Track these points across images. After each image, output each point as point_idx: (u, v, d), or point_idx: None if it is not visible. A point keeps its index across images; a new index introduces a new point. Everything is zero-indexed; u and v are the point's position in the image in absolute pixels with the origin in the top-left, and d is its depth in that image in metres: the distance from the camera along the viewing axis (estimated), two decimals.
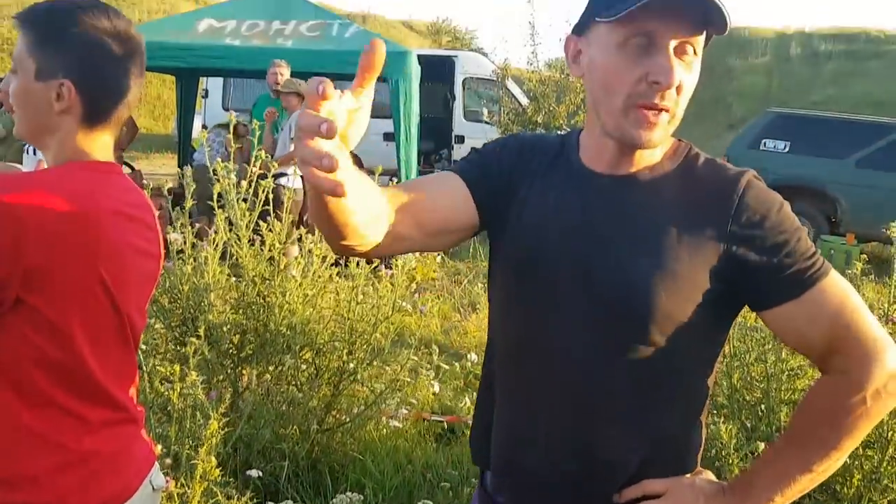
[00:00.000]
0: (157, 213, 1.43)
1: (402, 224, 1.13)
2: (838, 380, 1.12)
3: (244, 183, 3.08)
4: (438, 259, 7.41)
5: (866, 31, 27.56)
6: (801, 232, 1.13)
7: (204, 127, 9.82)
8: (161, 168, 12.04)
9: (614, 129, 1.14)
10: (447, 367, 4.43)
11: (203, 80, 11.82)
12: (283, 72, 6.42)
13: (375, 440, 3.34)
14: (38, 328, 1.20)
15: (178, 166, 9.80)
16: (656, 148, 1.17)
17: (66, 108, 1.25)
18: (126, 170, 8.70)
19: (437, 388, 4.12)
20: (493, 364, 1.31)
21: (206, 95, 12.13)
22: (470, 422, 1.41)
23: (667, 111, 1.12)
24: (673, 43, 1.08)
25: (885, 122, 10.10)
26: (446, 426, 3.77)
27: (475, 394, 4.34)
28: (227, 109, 11.52)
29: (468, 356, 4.77)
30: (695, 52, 1.11)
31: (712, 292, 1.13)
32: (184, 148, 9.85)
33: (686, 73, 1.11)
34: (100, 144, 1.31)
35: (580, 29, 1.18)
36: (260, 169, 3.19)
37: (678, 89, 1.11)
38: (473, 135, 11.67)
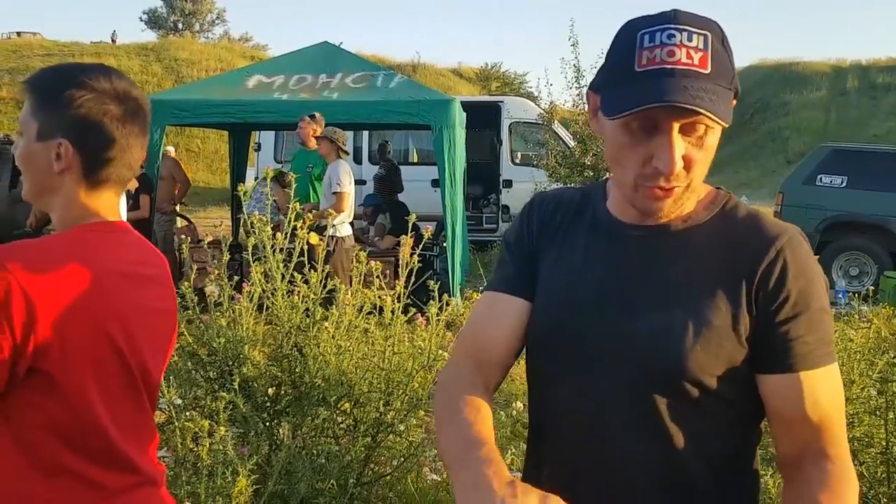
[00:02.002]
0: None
1: (494, 374, 1.23)
2: (812, 470, 1.06)
3: (279, 235, 3.10)
4: None
5: None
6: (826, 305, 1.10)
7: (255, 179, 10.06)
8: (220, 223, 12.31)
9: (628, 200, 1.13)
10: None
11: (255, 134, 12.15)
12: (312, 127, 6.56)
13: (415, 493, 3.27)
14: (51, 395, 1.20)
15: (232, 219, 10.02)
16: (673, 214, 1.14)
17: (65, 168, 1.26)
18: (182, 222, 8.97)
19: None
20: (534, 434, 1.28)
21: (258, 149, 12.45)
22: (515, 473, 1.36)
23: (679, 186, 1.09)
24: (677, 125, 1.05)
25: None
26: None
27: (522, 444, 4.26)
28: (279, 162, 11.81)
29: (514, 404, 4.68)
30: (707, 126, 1.07)
31: (745, 347, 1.09)
32: (237, 201, 10.09)
33: (697, 148, 1.07)
34: (105, 203, 1.32)
35: (595, 88, 1.16)
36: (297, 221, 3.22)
37: (687, 166, 1.07)
38: (521, 178, 11.68)
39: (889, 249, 9.27)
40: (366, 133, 12.13)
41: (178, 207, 8.85)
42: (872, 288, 4.81)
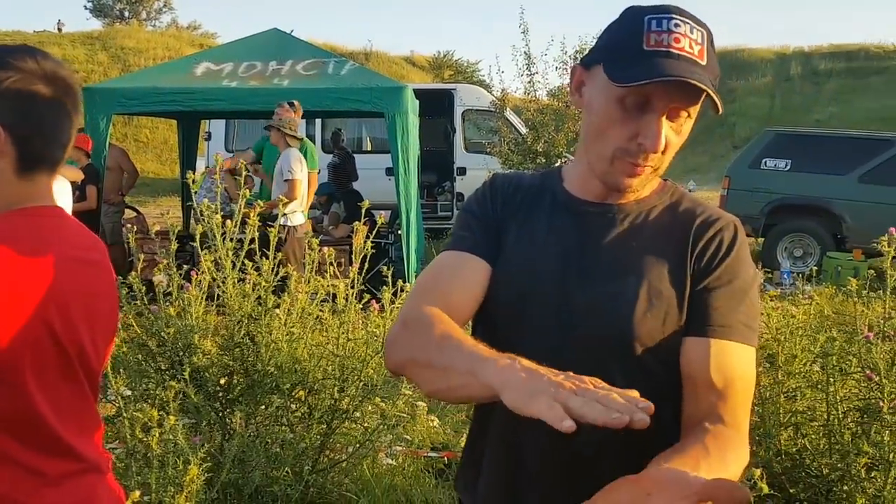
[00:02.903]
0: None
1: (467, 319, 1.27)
2: (700, 434, 1.09)
3: (229, 223, 3.07)
4: None
5: (865, 48, 27.64)
6: (752, 287, 1.19)
7: (207, 168, 9.90)
8: (167, 211, 12.11)
9: (600, 174, 1.20)
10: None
11: (206, 123, 11.95)
12: (283, 113, 6.46)
13: (371, 479, 3.28)
14: None
15: (182, 209, 9.86)
16: (634, 194, 1.23)
17: (0, 154, 1.23)
18: (131, 213, 8.79)
19: (436, 423, 4.07)
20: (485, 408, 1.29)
21: (208, 138, 12.25)
22: None
23: (651, 167, 1.17)
24: (668, 107, 1.13)
25: (886, 136, 10.06)
26: (447, 461, 3.71)
27: None
28: (230, 151, 11.63)
29: None
30: (688, 115, 1.16)
31: (685, 313, 1.18)
32: (187, 190, 9.92)
33: (675, 134, 1.16)
34: (40, 188, 1.29)
35: (587, 63, 1.21)
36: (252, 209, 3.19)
37: (665, 149, 1.15)
38: (475, 166, 11.70)
39: (831, 231, 9.52)
40: (318, 121, 12.02)
41: (126, 198, 8.67)
42: (816, 268, 4.95)
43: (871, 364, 2.46)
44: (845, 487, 2.43)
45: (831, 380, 2.55)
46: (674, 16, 1.12)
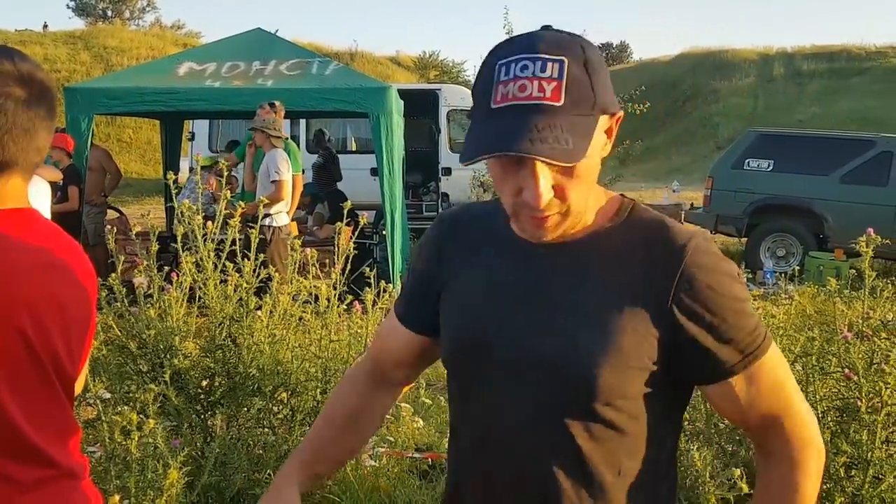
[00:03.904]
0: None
1: (389, 375, 1.37)
2: (785, 467, 1.15)
3: (210, 224, 3.05)
4: None
5: (847, 49, 27.89)
6: (744, 304, 1.11)
7: (191, 170, 9.84)
8: (148, 212, 12.03)
9: (515, 227, 1.12)
10: (430, 401, 4.38)
11: (189, 123, 11.87)
12: (263, 114, 6.44)
13: (354, 481, 3.27)
14: None
15: (166, 210, 9.80)
16: (558, 235, 1.11)
17: None
18: (113, 214, 8.73)
19: (420, 425, 4.06)
20: (453, 451, 1.27)
21: (192, 138, 12.17)
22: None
23: (557, 214, 1.07)
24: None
25: (867, 137, 10.15)
26: (431, 462, 3.70)
27: None
28: (214, 151, 11.57)
29: None
30: None
31: (659, 364, 1.09)
32: (170, 191, 9.86)
33: (567, 177, 1.04)
34: (12, 190, 1.27)
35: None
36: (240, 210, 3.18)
37: (560, 195, 1.05)
38: (460, 166, 11.65)
39: (814, 231, 9.59)
40: (303, 122, 11.98)
41: (109, 199, 8.60)
42: (798, 268, 4.99)
43: (850, 364, 2.48)
44: (824, 486, 2.45)
45: (811, 379, 2.57)
46: (523, 56, 1.00)
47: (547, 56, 1.00)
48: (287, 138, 6.84)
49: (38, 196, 2.78)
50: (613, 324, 1.07)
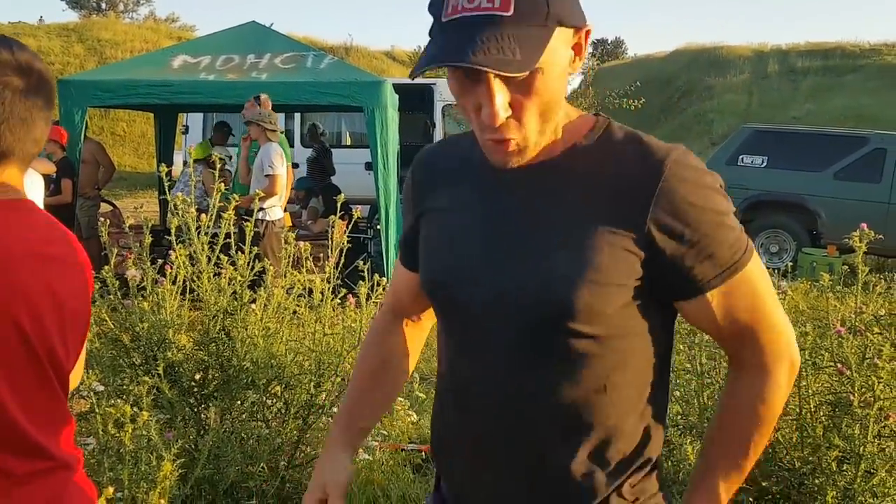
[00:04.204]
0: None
1: (414, 309, 1.39)
2: (754, 375, 1.15)
3: (204, 217, 3.04)
4: None
5: (842, 46, 27.94)
6: (724, 216, 1.08)
7: (185, 164, 9.81)
8: (141, 205, 12.00)
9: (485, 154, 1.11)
10: (424, 395, 4.39)
11: (183, 116, 11.83)
12: (249, 107, 6.43)
13: None
14: None
15: (159, 203, 9.76)
16: (523, 162, 1.09)
17: None
18: (107, 207, 8.69)
19: (414, 418, 4.06)
20: (437, 391, 1.29)
21: (186, 132, 12.14)
22: None
23: (512, 139, 1.05)
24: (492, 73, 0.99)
25: (861, 133, 10.19)
26: (425, 455, 3.71)
27: None
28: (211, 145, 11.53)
29: None
30: (535, 70, 1.00)
31: (640, 281, 1.07)
32: (164, 185, 9.81)
33: (524, 95, 1.02)
34: (10, 182, 1.26)
35: None
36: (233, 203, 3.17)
37: (517, 116, 1.03)
38: None
39: (807, 227, 9.63)
40: (297, 115, 11.95)
41: (102, 192, 8.57)
42: (791, 264, 5.01)
43: (843, 358, 2.49)
44: (816, 480, 2.46)
45: (804, 374, 2.57)
46: None
47: None
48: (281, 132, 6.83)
49: (32, 188, 2.77)
50: (589, 242, 1.05)
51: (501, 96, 1.00)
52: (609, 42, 45.33)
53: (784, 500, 2.53)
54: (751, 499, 2.52)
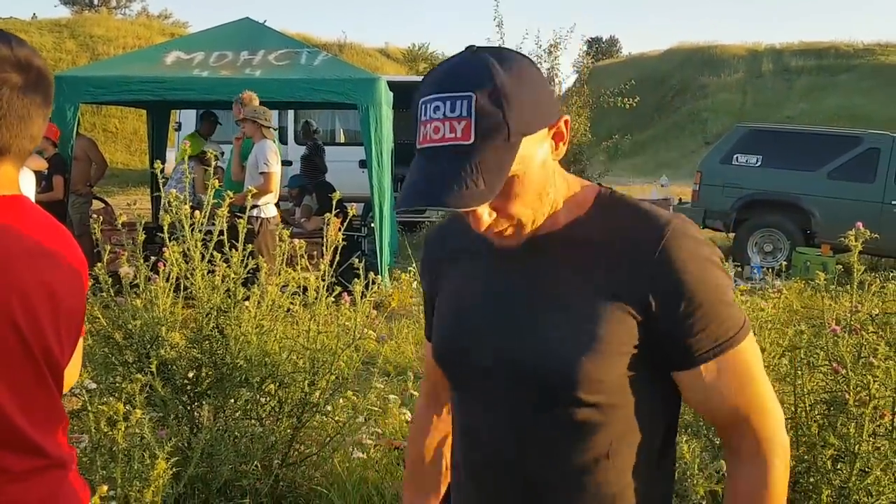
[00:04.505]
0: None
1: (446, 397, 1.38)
2: (752, 465, 1.14)
3: (198, 213, 3.02)
4: (414, 285, 7.38)
5: (835, 46, 28.03)
6: (721, 292, 1.10)
7: (177, 160, 9.77)
8: (134, 202, 11.94)
9: None
10: (418, 393, 4.37)
11: (176, 113, 11.79)
12: (244, 104, 6.40)
13: (342, 473, 3.26)
14: None
15: (151, 200, 9.73)
16: (521, 239, 1.14)
17: None
18: (99, 204, 8.65)
19: (408, 416, 4.05)
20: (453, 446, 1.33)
21: (178, 128, 12.08)
22: None
23: (506, 225, 1.11)
24: None
25: (855, 133, 10.21)
26: None
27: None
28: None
29: None
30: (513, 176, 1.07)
31: (639, 349, 1.10)
32: (156, 181, 9.77)
33: (504, 199, 1.07)
34: (3, 178, 1.25)
35: None
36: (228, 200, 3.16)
37: (502, 215, 1.09)
38: None
39: (801, 226, 9.64)
40: (291, 112, 11.91)
41: (94, 189, 8.53)
42: (785, 263, 5.02)
43: (838, 357, 2.49)
44: (812, 479, 2.46)
45: (799, 373, 2.57)
46: (434, 96, 1.03)
47: (455, 94, 1.02)
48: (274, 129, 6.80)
49: (23, 185, 2.74)
50: (588, 311, 1.09)
51: (481, 210, 1.07)
52: (604, 40, 45.40)
53: None
54: None
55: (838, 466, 2.44)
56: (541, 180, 1.09)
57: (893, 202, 9.12)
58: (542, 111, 1.07)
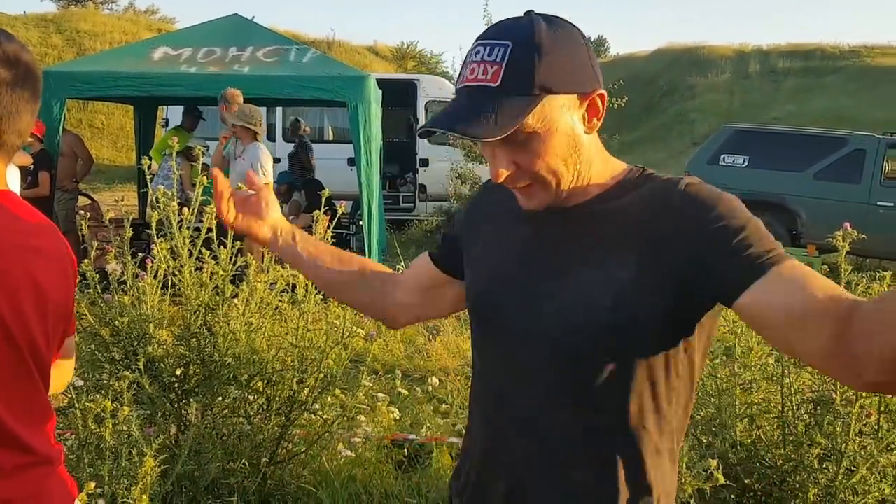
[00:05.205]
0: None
1: (403, 293, 1.47)
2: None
3: (186, 210, 3.00)
4: None
5: (822, 48, 28.20)
6: (753, 222, 1.09)
7: (164, 156, 9.71)
8: (122, 198, 11.87)
9: None
10: (406, 391, 4.37)
11: (163, 109, 11.72)
12: (230, 106, 6.37)
13: (330, 471, 3.25)
14: None
15: (138, 196, 9.66)
16: (560, 198, 1.19)
17: None
18: (85, 201, 8.59)
19: (397, 414, 4.05)
20: (470, 401, 1.35)
21: (166, 125, 12.02)
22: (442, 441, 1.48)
23: (530, 185, 1.16)
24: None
25: (841, 134, 10.28)
26: (407, 452, 3.70)
27: (439, 419, 4.27)
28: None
29: (430, 380, 4.71)
30: (526, 131, 1.11)
31: (666, 301, 1.09)
32: (143, 177, 9.71)
33: (524, 153, 1.13)
34: None
35: None
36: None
37: (523, 170, 1.14)
38: (438, 157, 11.68)
39: (787, 226, 9.70)
40: (279, 109, 11.87)
41: (80, 185, 8.47)
42: None
43: None
44: (798, 478, 2.47)
45: (786, 372, 2.59)
46: (479, 42, 1.12)
47: (495, 41, 1.11)
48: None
49: (8, 181, 2.71)
50: (614, 263, 1.13)
51: (500, 157, 1.14)
52: (592, 41, 45.52)
53: (766, 498, 2.54)
54: (733, 496, 2.53)
55: (825, 465, 2.46)
56: (565, 146, 1.14)
57: (879, 203, 9.18)
58: (574, 76, 1.12)
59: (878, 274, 2.79)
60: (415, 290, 1.47)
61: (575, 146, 1.15)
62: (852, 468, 2.40)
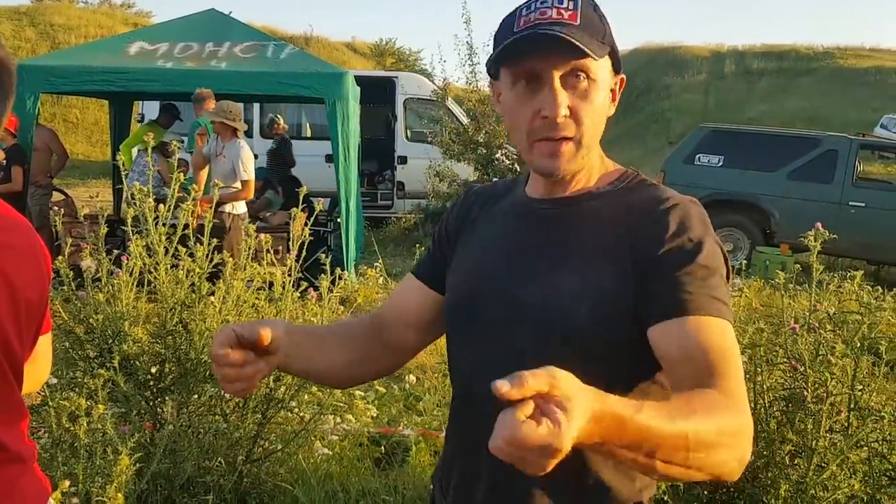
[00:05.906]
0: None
1: (394, 334, 1.37)
2: (714, 393, 0.98)
3: (161, 207, 2.98)
4: (381, 280, 7.36)
5: (796, 49, 28.53)
6: (707, 271, 1.07)
7: (140, 151, 9.61)
8: (97, 194, 11.73)
9: (531, 165, 1.20)
10: (383, 389, 4.37)
11: (139, 104, 11.60)
12: (206, 105, 6.36)
13: (306, 468, 3.24)
14: None
15: (113, 192, 9.56)
16: (572, 174, 1.19)
17: None
18: (59, 196, 8.48)
19: (374, 412, 4.05)
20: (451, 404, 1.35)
21: (141, 120, 11.89)
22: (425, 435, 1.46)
23: (569, 139, 1.14)
24: (558, 74, 1.11)
25: (814, 135, 10.42)
26: (384, 450, 3.70)
27: (414, 416, 4.27)
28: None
29: (407, 377, 4.71)
30: (589, 78, 1.13)
31: (630, 309, 1.10)
32: (118, 172, 9.60)
33: (581, 100, 1.13)
34: None
35: (494, 74, 1.23)
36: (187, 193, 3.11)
37: (575, 118, 1.13)
38: (416, 155, 11.66)
39: (761, 226, 9.80)
40: (256, 106, 11.79)
41: (54, 181, 8.36)
42: (745, 262, 5.10)
43: (797, 355, 2.54)
44: (770, 474, 2.51)
45: (759, 370, 2.62)
46: None
47: None
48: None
49: None
50: (594, 268, 1.13)
51: (562, 95, 1.11)
52: None
53: (738, 494, 2.58)
54: (706, 492, 2.57)
55: (796, 461, 2.50)
56: (600, 112, 1.16)
57: (851, 203, 9.31)
58: (617, 51, 1.17)
59: (849, 273, 2.83)
60: (408, 326, 1.38)
61: (602, 120, 1.17)
62: (823, 464, 2.44)
